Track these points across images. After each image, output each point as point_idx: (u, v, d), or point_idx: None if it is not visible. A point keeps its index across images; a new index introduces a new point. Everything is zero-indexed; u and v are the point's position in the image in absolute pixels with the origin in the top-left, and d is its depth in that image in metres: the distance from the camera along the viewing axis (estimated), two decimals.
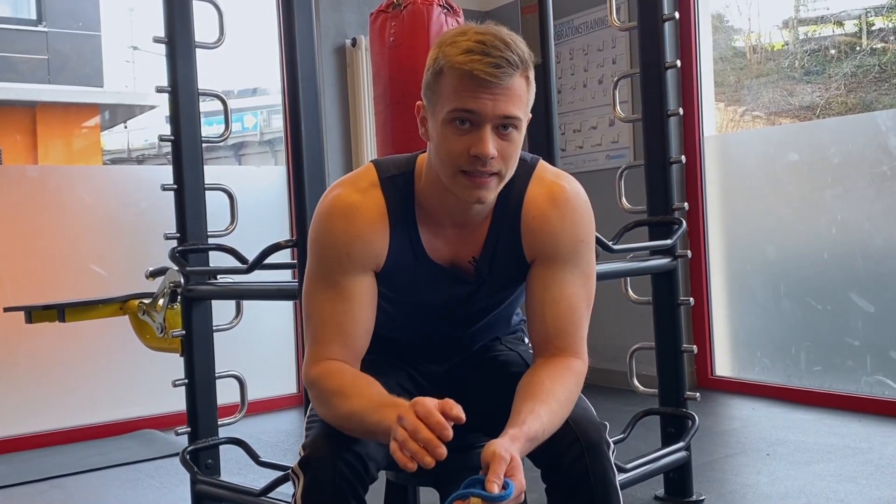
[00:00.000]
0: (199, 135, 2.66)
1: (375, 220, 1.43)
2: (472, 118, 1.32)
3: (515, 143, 1.36)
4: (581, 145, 4.74)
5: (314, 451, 1.33)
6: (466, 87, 1.31)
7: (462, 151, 1.33)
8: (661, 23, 2.66)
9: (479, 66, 1.30)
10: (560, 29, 4.76)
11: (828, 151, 3.86)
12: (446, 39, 1.37)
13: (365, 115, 4.47)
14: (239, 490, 2.46)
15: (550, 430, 1.32)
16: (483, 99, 1.31)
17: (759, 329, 4.18)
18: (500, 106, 1.32)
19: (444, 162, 1.36)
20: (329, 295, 1.42)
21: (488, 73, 1.30)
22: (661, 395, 2.73)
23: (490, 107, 1.31)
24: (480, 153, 1.32)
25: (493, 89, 1.31)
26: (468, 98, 1.32)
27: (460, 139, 1.33)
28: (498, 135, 1.34)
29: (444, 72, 1.34)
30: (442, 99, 1.35)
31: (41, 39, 11.98)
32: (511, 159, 1.37)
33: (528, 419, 1.28)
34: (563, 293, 1.45)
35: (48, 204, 4.04)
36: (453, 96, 1.33)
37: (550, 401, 1.33)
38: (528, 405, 1.32)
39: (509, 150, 1.35)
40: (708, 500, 2.67)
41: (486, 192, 1.36)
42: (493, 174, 1.35)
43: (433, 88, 1.37)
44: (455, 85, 1.32)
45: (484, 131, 1.32)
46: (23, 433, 3.85)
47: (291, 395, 4.56)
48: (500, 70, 1.30)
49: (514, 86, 1.33)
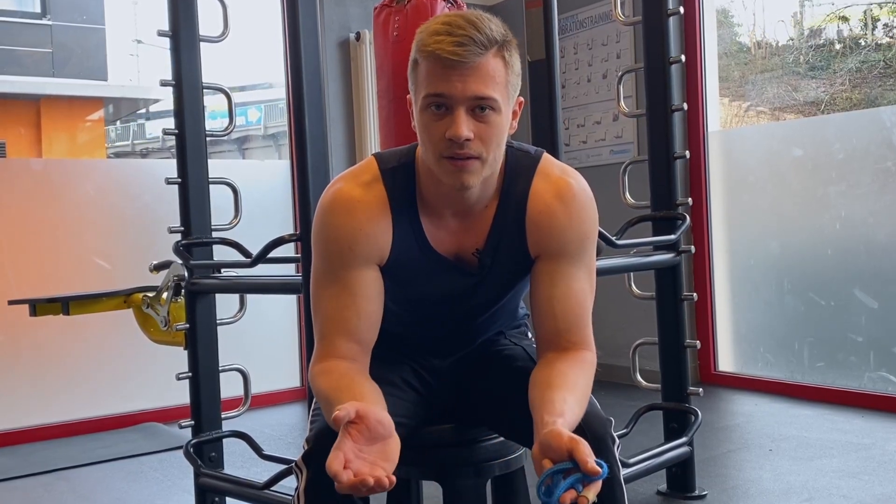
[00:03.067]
0: (203, 128, 2.66)
1: (378, 213, 1.43)
2: (445, 101, 1.32)
3: (495, 125, 1.34)
4: (585, 140, 4.73)
5: (318, 445, 1.33)
6: (436, 70, 1.32)
7: (441, 136, 1.33)
8: (666, 17, 2.66)
9: (443, 46, 1.30)
10: (564, 23, 4.76)
11: (832, 147, 3.85)
12: (422, 27, 1.38)
13: (368, 110, 4.47)
14: (242, 483, 2.47)
15: (576, 421, 1.31)
16: (452, 80, 1.31)
17: (762, 325, 4.17)
18: (471, 86, 1.31)
19: (427, 150, 1.37)
20: (334, 290, 1.42)
21: (452, 53, 1.29)
22: (664, 390, 2.73)
23: (460, 88, 1.31)
24: (454, 135, 1.31)
25: (461, 69, 1.30)
26: (438, 81, 1.31)
27: (437, 124, 1.33)
28: (474, 117, 1.33)
29: (418, 60, 1.35)
30: (419, 86, 1.36)
31: (45, 32, 11.98)
32: (492, 142, 1.35)
33: (564, 409, 1.27)
34: (571, 288, 1.44)
35: (52, 197, 4.05)
36: (426, 81, 1.33)
37: (576, 391, 1.33)
38: (560, 395, 1.30)
39: (488, 133, 1.34)
40: (710, 495, 2.67)
41: (469, 175, 1.35)
42: (474, 157, 1.34)
43: (412, 78, 1.39)
44: (427, 70, 1.33)
45: (457, 113, 1.31)
46: (27, 426, 3.86)
47: (295, 388, 4.57)
48: (464, 48, 1.29)
49: (484, 65, 1.31)
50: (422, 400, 1.57)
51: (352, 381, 1.36)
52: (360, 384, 1.36)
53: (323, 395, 1.35)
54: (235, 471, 2.76)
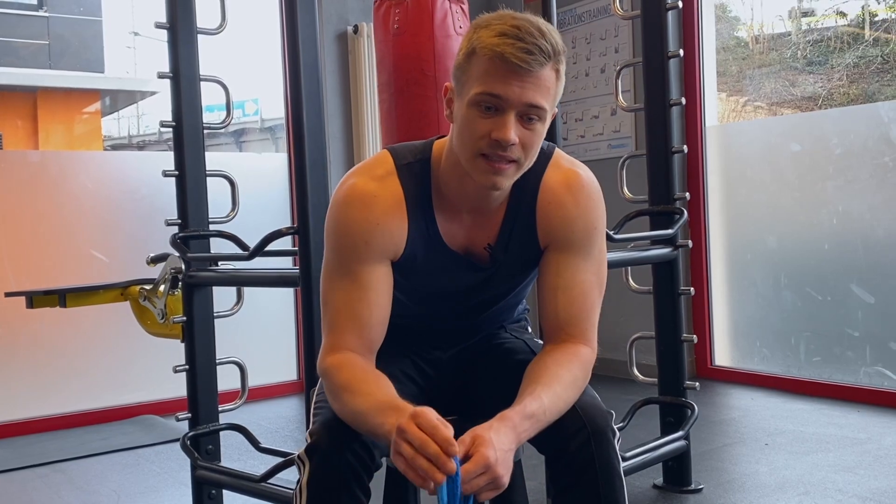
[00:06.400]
0: (200, 121, 2.65)
1: (393, 208, 1.43)
2: (498, 103, 1.32)
3: (538, 133, 1.36)
4: (583, 134, 4.73)
5: (322, 438, 1.33)
6: (496, 70, 1.31)
7: (484, 134, 1.33)
8: (665, 12, 2.66)
9: (511, 51, 1.29)
10: (563, 17, 4.75)
11: (829, 142, 3.86)
12: (482, 22, 1.37)
13: (367, 103, 4.46)
14: (239, 476, 2.47)
15: (553, 411, 1.32)
16: (511, 84, 1.31)
17: (758, 319, 4.18)
18: (528, 94, 1.31)
19: (465, 144, 1.36)
20: (345, 284, 1.42)
21: (519, 59, 1.29)
22: (660, 384, 2.74)
23: (517, 93, 1.31)
24: (502, 138, 1.31)
25: (523, 76, 1.30)
26: (496, 82, 1.31)
27: (484, 122, 1.33)
28: (521, 123, 1.33)
29: (475, 53, 1.34)
30: (470, 80, 1.34)
31: (42, 24, 11.96)
32: (531, 149, 1.36)
33: (525, 399, 1.30)
34: (576, 280, 1.45)
35: (49, 189, 4.04)
36: (482, 79, 1.32)
37: (553, 384, 1.34)
38: (530, 388, 1.33)
39: (531, 140, 1.35)
40: (706, 488, 2.68)
41: (503, 178, 1.36)
42: (512, 161, 1.35)
43: (463, 69, 1.37)
44: (485, 67, 1.32)
45: (508, 117, 1.32)
46: (24, 418, 3.87)
47: (292, 381, 4.57)
48: (531, 56, 1.30)
49: (543, 75, 1.32)
50: (422, 392, 1.57)
51: (378, 376, 1.37)
52: (382, 379, 1.36)
53: (343, 387, 1.35)
54: (232, 463, 2.76)
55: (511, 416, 1.26)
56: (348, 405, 1.32)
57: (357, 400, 1.31)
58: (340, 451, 1.31)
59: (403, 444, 1.17)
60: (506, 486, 1.21)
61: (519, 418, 1.26)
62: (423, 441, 1.16)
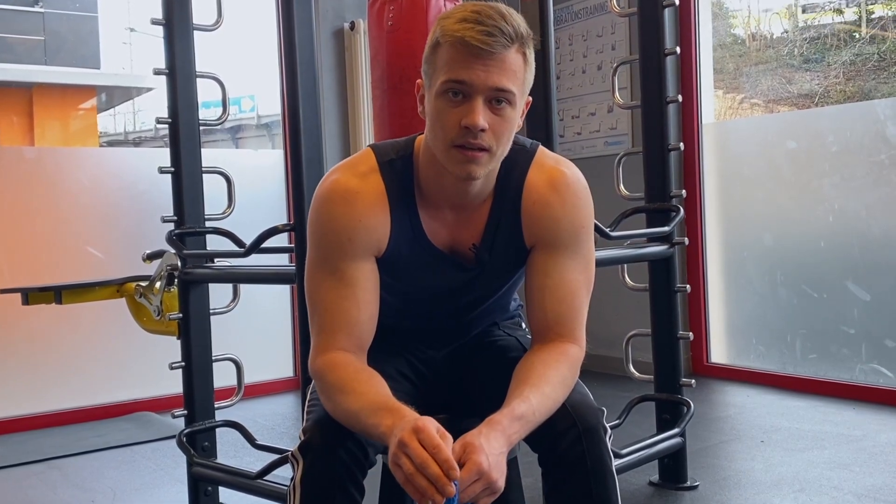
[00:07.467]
0: (196, 117, 2.65)
1: (376, 204, 1.42)
2: (464, 89, 1.31)
3: (508, 119, 1.34)
4: (580, 131, 4.73)
5: (315, 436, 1.33)
6: (459, 56, 1.31)
7: (454, 124, 1.32)
8: (661, 9, 2.66)
9: (471, 34, 1.29)
10: (559, 14, 4.74)
11: (826, 140, 3.86)
12: (444, 14, 1.37)
13: (363, 99, 4.45)
14: (235, 472, 2.47)
15: (542, 412, 1.32)
16: (475, 69, 1.30)
17: (755, 316, 4.19)
18: (493, 77, 1.30)
19: (437, 136, 1.36)
20: (332, 282, 1.41)
21: (480, 41, 1.29)
22: (656, 381, 2.74)
23: (482, 77, 1.30)
24: (470, 124, 1.30)
25: (486, 59, 1.30)
26: (460, 68, 1.31)
27: (453, 111, 1.32)
28: (490, 108, 1.32)
29: (439, 44, 1.34)
30: (437, 72, 1.34)
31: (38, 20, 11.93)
32: (503, 136, 1.35)
33: (514, 402, 1.29)
34: (564, 279, 1.44)
35: (45, 186, 4.03)
36: (447, 67, 1.32)
37: (542, 384, 1.33)
38: (518, 389, 1.32)
39: (502, 126, 1.34)
40: (702, 486, 2.68)
41: (477, 167, 1.34)
42: (484, 150, 1.33)
43: (430, 62, 1.37)
44: (449, 55, 1.32)
45: (476, 102, 1.31)
46: (20, 415, 3.86)
47: (288, 378, 4.57)
48: (492, 38, 1.29)
49: (507, 58, 1.32)
50: (416, 391, 1.57)
51: (371, 375, 1.36)
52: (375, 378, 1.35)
53: (336, 387, 1.34)
54: (228, 460, 2.76)
55: (500, 419, 1.25)
56: (341, 405, 1.31)
57: (350, 400, 1.30)
58: (334, 448, 1.31)
59: (404, 458, 1.16)
60: (502, 490, 1.21)
61: (508, 421, 1.26)
62: (424, 461, 1.14)
